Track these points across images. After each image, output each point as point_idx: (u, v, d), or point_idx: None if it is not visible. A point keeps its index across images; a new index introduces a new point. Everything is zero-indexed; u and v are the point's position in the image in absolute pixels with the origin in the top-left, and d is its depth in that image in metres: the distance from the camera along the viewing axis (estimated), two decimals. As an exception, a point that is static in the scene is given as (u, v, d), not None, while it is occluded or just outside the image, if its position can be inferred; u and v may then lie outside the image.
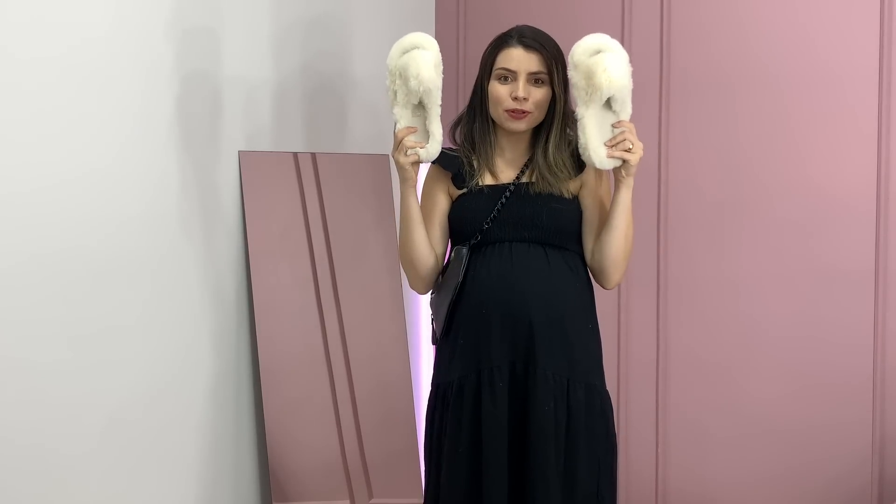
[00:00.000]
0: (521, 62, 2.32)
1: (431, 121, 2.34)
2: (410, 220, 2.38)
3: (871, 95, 2.97)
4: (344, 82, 3.30)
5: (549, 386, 2.28)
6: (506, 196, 2.35)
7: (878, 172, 2.98)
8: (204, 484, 2.88)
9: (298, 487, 2.99)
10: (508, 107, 2.32)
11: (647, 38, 3.28)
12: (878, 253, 2.98)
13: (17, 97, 2.36)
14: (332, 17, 3.26)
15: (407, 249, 2.41)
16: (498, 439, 2.28)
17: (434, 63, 2.34)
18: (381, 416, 3.13)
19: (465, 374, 2.34)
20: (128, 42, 2.61)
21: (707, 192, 3.21)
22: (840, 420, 3.04)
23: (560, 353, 2.31)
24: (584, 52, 2.28)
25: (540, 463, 2.26)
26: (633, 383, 3.35)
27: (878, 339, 2.99)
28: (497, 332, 2.32)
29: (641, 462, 3.34)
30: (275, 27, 3.05)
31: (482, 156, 2.39)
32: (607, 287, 2.43)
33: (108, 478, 2.60)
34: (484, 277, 2.34)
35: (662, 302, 3.30)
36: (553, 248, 2.35)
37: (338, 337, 3.10)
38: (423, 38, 2.35)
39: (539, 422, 2.27)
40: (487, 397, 2.30)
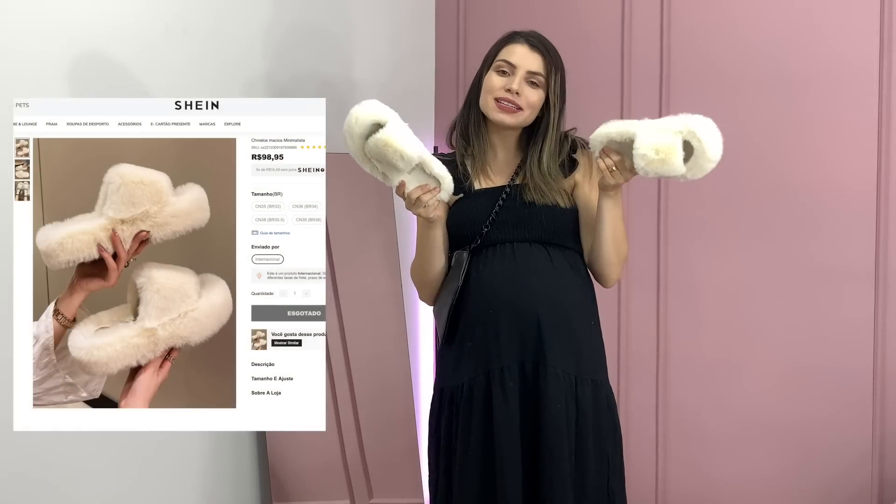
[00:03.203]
0: (523, 59, 2.31)
1: (433, 171, 2.22)
2: (435, 248, 2.36)
3: (871, 95, 2.97)
4: (344, 83, 3.30)
5: (559, 383, 2.27)
6: (503, 198, 2.34)
7: (878, 172, 2.98)
8: (204, 483, 2.88)
9: (298, 487, 2.99)
10: (499, 94, 2.30)
11: (647, 38, 3.29)
12: (878, 253, 2.98)
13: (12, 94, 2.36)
14: (332, 18, 3.26)
15: (425, 272, 2.39)
16: (512, 439, 2.27)
17: (404, 131, 2.17)
18: (381, 416, 3.13)
19: (474, 377, 2.32)
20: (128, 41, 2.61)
21: (707, 192, 3.21)
22: (840, 419, 3.04)
23: (568, 351, 2.30)
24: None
25: (556, 461, 2.24)
26: (634, 381, 3.35)
27: (878, 338, 2.99)
28: (505, 331, 2.30)
29: (641, 461, 3.34)
30: (275, 27, 3.06)
31: (476, 154, 2.37)
32: (606, 286, 2.43)
33: (108, 477, 2.61)
34: (489, 278, 2.32)
35: (662, 300, 3.30)
36: (554, 246, 2.35)
37: (338, 337, 3.10)
38: (375, 112, 2.17)
39: (553, 420, 2.26)
40: (499, 397, 2.28)
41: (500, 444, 2.27)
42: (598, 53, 3.36)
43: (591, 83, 3.34)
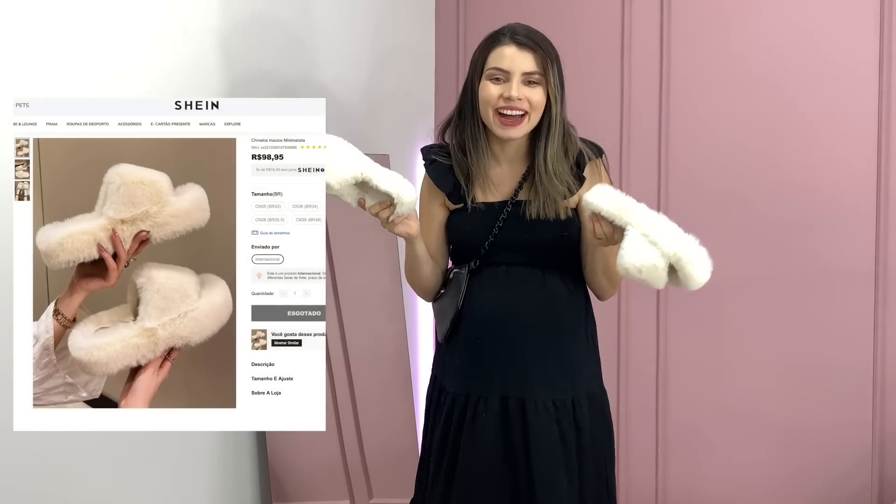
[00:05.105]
0: (515, 61, 2.19)
1: (379, 188, 2.11)
2: (418, 261, 2.31)
3: (871, 95, 2.98)
4: (344, 83, 3.30)
5: (550, 414, 2.23)
6: (503, 218, 2.26)
7: (878, 172, 2.98)
8: (204, 483, 2.88)
9: (298, 487, 2.99)
10: (499, 105, 2.20)
11: (647, 38, 3.29)
12: (878, 253, 2.98)
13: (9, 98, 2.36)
14: (332, 18, 3.26)
15: (415, 279, 2.37)
16: (487, 477, 2.22)
17: (331, 159, 2.06)
18: (380, 415, 3.13)
19: (457, 393, 2.30)
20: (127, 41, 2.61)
21: (707, 192, 3.21)
22: (840, 420, 3.04)
23: (559, 377, 2.26)
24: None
25: (555, 492, 2.20)
26: (634, 382, 3.35)
27: (878, 338, 2.99)
28: (490, 361, 2.27)
29: (641, 464, 3.34)
30: (275, 27, 3.05)
31: (475, 166, 2.27)
32: (602, 300, 2.38)
33: (108, 477, 2.60)
34: (481, 306, 2.28)
35: (662, 302, 3.30)
36: (551, 268, 2.29)
37: (338, 337, 3.10)
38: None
39: (544, 453, 2.21)
40: (469, 426, 2.25)
41: (464, 473, 2.24)
42: (598, 53, 3.36)
43: (591, 83, 3.34)
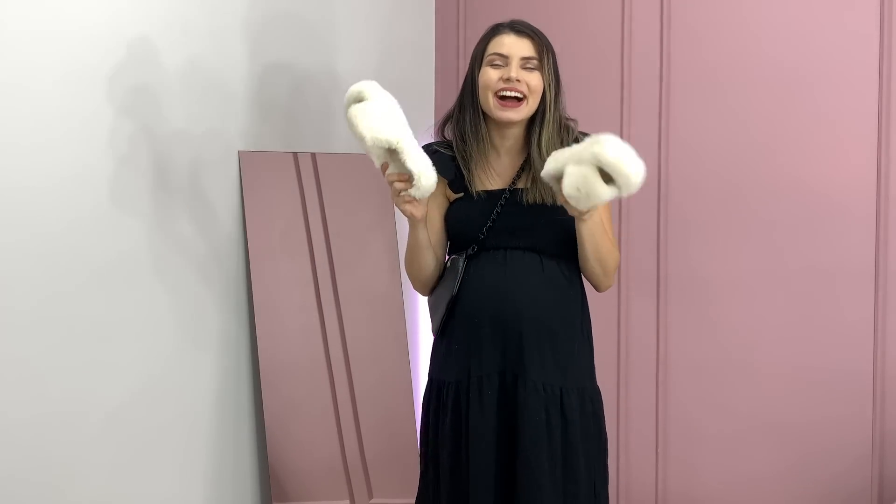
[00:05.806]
0: (514, 47, 2.31)
1: (405, 163, 2.16)
2: (419, 248, 2.36)
3: (871, 95, 2.97)
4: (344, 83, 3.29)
5: (540, 397, 2.27)
6: (501, 205, 2.32)
7: (877, 172, 2.98)
8: (204, 483, 2.88)
9: (298, 487, 2.99)
10: (498, 87, 2.28)
11: (647, 38, 3.28)
12: (878, 253, 2.98)
13: (17, 98, 2.36)
14: (333, 18, 3.26)
15: (414, 267, 2.40)
16: (485, 450, 2.27)
17: (377, 115, 2.15)
18: (380, 415, 3.13)
19: (458, 379, 2.33)
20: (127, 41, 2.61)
21: (707, 192, 3.21)
22: (840, 419, 3.04)
23: (552, 364, 2.29)
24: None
25: (532, 472, 2.24)
26: (634, 382, 3.35)
27: (878, 338, 2.99)
28: (488, 341, 2.30)
29: (641, 462, 3.34)
30: (277, 27, 3.05)
31: (475, 155, 2.35)
32: (599, 291, 2.42)
33: (108, 478, 2.61)
34: (477, 287, 2.32)
35: (662, 301, 3.30)
36: (549, 255, 2.33)
37: (338, 337, 3.10)
38: (362, 87, 2.20)
39: (530, 432, 2.26)
40: (476, 406, 2.29)
41: (473, 455, 2.27)
42: (599, 53, 3.36)
43: (591, 83, 3.33)
